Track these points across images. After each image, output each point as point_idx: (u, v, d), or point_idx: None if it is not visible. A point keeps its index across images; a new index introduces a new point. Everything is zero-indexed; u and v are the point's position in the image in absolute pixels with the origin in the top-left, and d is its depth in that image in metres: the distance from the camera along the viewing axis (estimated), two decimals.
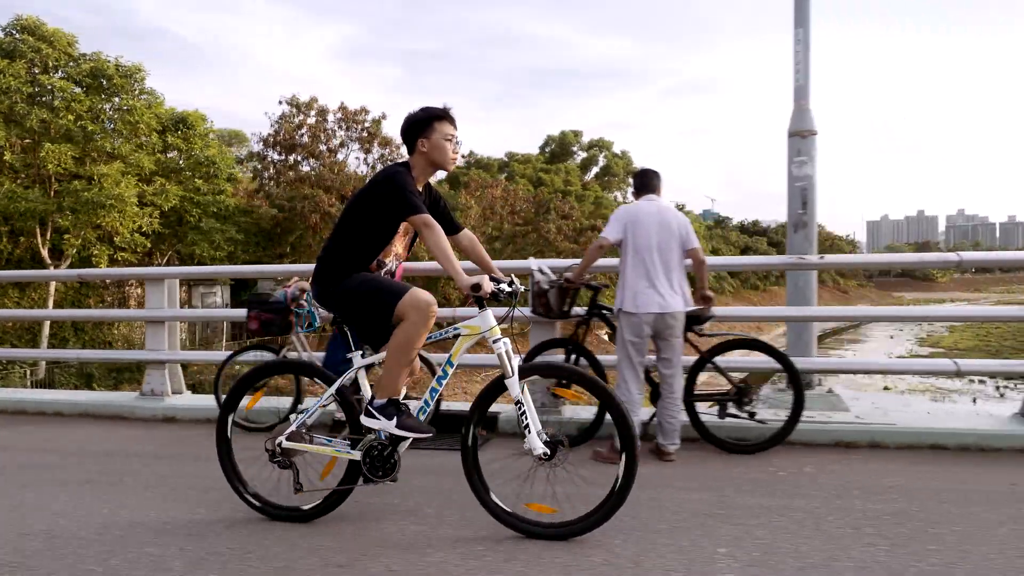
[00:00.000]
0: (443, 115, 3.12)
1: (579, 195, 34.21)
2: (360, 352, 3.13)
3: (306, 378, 3.58)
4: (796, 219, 5.01)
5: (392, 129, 22.98)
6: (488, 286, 2.86)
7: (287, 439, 3.14)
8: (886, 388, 34.68)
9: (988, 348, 49.08)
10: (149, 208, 16.29)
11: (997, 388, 34.35)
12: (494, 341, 2.93)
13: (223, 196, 18.06)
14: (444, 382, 3.04)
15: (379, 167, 22.68)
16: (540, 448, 2.86)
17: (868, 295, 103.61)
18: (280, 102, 20.86)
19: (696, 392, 4.36)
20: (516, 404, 2.90)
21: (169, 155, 17.74)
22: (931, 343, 53.82)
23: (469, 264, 3.85)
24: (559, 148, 43.42)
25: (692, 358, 4.40)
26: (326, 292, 3.11)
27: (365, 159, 22.74)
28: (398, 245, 3.25)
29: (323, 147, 22.35)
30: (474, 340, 3.02)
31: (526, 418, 2.88)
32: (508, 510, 2.98)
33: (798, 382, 4.24)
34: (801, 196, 5.03)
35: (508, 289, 3.02)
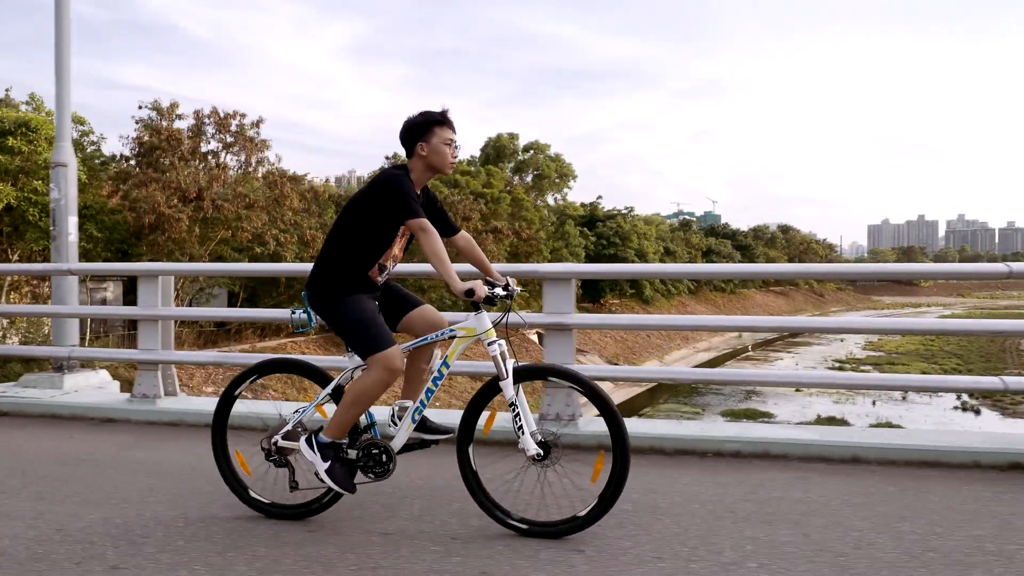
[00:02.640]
0: (442, 120, 3.13)
1: (495, 197, 34.80)
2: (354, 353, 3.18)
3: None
4: (54, 234, 5.87)
5: (268, 132, 23.41)
6: (482, 291, 2.91)
7: (283, 438, 3.17)
8: (797, 390, 35.24)
9: (926, 353, 49.64)
10: None
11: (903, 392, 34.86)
12: (489, 343, 3.00)
13: None
14: (439, 383, 3.10)
15: (252, 168, 23.30)
16: (533, 449, 2.92)
17: (845, 298, 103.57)
18: (140, 106, 21.60)
19: None
20: (511, 406, 2.96)
21: (15, 157, 18.50)
22: (875, 347, 54.39)
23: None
24: (494, 151, 43.99)
25: None
26: (320, 302, 3.14)
27: (246, 163, 23.38)
28: (396, 247, 3.19)
29: (203, 149, 23.06)
30: (470, 342, 3.08)
31: (520, 419, 2.94)
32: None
33: None
34: (53, 216, 5.84)
35: (502, 293, 3.08)
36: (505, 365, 2.96)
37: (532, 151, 44.18)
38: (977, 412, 29.83)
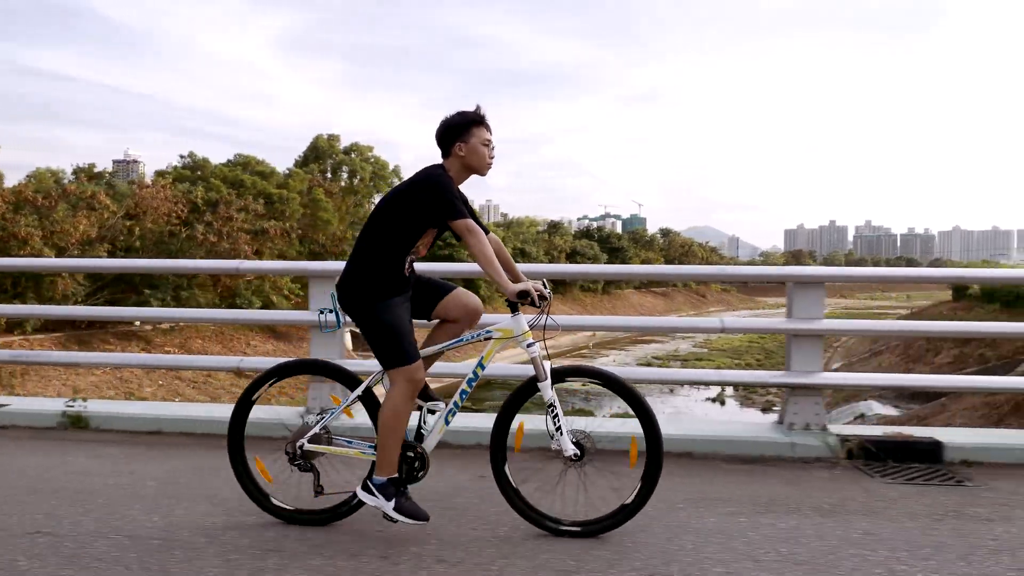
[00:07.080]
0: (480, 120, 3.08)
1: (285, 198, 35.01)
2: None
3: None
4: None
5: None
6: (533, 292, 2.92)
7: (309, 441, 3.10)
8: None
9: (741, 349, 52.15)
10: None
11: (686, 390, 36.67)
12: (528, 345, 2.99)
13: None
14: (474, 384, 3.09)
15: None
16: (571, 449, 2.96)
17: (727, 299, 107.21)
18: None
19: None
20: (549, 407, 2.97)
21: None
22: (704, 344, 56.79)
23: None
24: (312, 153, 44.26)
25: None
26: (352, 302, 3.06)
27: None
28: (421, 245, 3.12)
29: None
30: (505, 343, 3.07)
31: (558, 420, 2.96)
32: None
33: None
34: None
35: (547, 293, 3.08)
36: (543, 367, 2.97)
37: (352, 153, 44.59)
38: (722, 403, 31.67)
